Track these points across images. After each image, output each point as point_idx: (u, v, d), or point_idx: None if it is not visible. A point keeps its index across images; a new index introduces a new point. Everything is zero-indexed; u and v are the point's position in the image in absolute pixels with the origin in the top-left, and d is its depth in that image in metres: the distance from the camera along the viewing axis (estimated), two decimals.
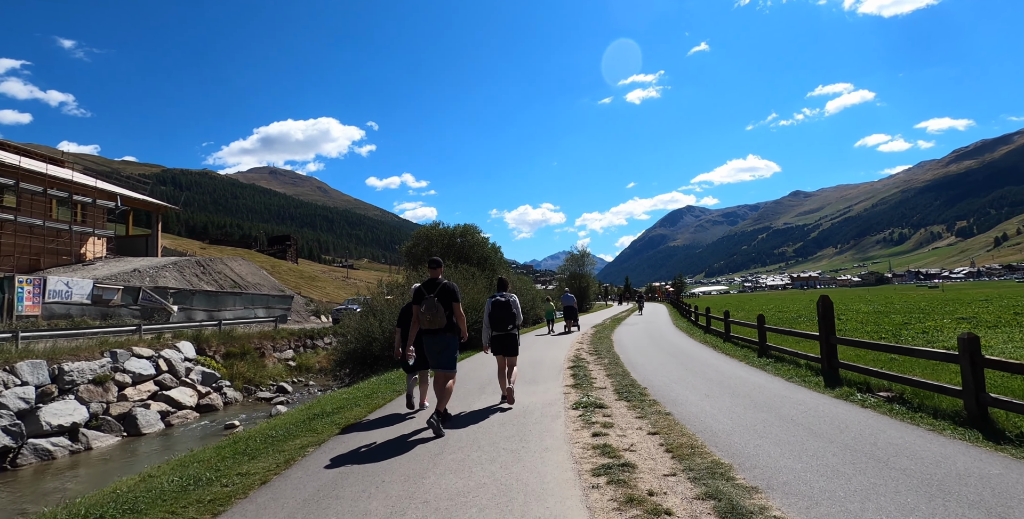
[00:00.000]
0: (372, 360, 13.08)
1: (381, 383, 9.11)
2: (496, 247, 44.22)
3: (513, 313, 6.60)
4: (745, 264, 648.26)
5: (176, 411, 15.05)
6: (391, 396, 7.74)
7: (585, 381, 7.87)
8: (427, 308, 5.34)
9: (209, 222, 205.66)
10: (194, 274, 33.34)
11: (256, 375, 19.39)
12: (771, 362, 9.54)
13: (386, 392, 8.00)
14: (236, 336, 21.11)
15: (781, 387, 7.32)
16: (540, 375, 8.89)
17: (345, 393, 8.29)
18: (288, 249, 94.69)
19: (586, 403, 6.15)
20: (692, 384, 7.62)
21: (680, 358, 10.78)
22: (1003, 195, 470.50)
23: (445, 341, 5.53)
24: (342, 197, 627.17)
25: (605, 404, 6.09)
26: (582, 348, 13.23)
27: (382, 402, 7.26)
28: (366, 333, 12.87)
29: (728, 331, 13.55)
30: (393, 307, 13.63)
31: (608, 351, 12.17)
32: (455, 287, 5.65)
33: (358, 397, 7.75)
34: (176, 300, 25.57)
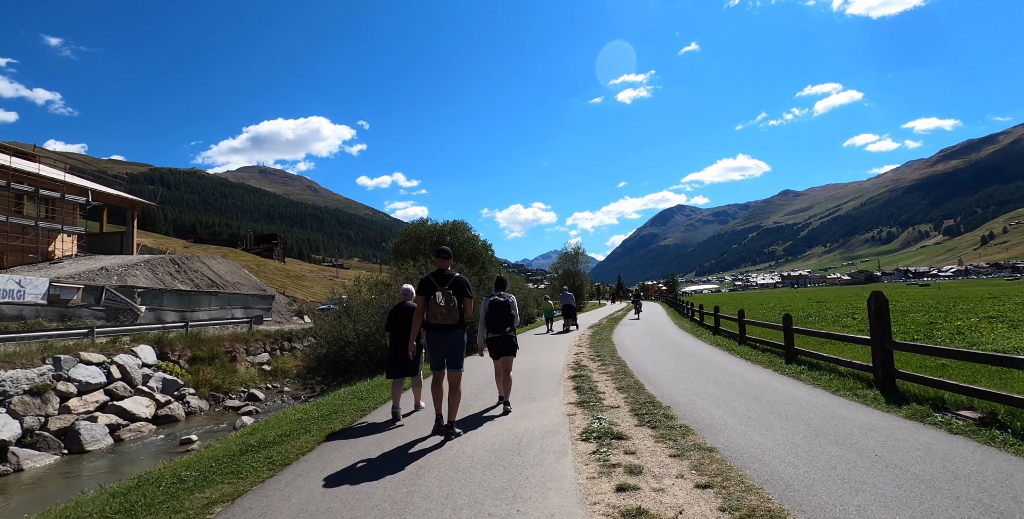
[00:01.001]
0: (346, 366, 11.62)
1: (347, 398, 7.65)
2: (487, 244, 42.72)
3: (512, 314, 6.16)
4: (735, 263, 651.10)
5: (128, 424, 13.48)
6: (355, 416, 6.30)
7: (592, 397, 6.46)
8: (445, 300, 4.87)
9: (197, 222, 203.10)
10: (167, 273, 31.60)
11: (225, 381, 17.81)
12: (804, 370, 8.20)
13: (349, 410, 6.55)
14: (205, 339, 19.51)
15: (832, 404, 5.96)
16: (537, 388, 7.47)
17: (300, 412, 6.83)
18: (275, 248, 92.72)
19: (599, 431, 4.74)
20: (723, 400, 6.24)
21: (695, 364, 9.41)
22: (989, 194, 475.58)
23: (457, 338, 5.08)
24: (333, 196, 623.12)
25: (624, 433, 4.68)
26: (582, 352, 11.84)
27: (339, 425, 5.80)
28: (339, 336, 11.41)
29: (743, 333, 12.20)
30: (371, 307, 12.19)
31: (612, 356, 10.79)
32: (468, 281, 5.21)
33: (312, 418, 6.29)
34: (145, 300, 23.91)
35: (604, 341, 14.17)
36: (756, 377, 7.88)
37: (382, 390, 8.12)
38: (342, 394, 8.05)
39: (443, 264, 5.24)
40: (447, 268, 5.24)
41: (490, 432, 5.01)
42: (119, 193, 38.12)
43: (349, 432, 5.58)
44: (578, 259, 52.62)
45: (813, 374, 7.82)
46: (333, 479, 3.92)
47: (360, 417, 6.31)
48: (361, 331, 11.37)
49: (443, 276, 5.12)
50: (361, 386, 8.90)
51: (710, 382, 7.48)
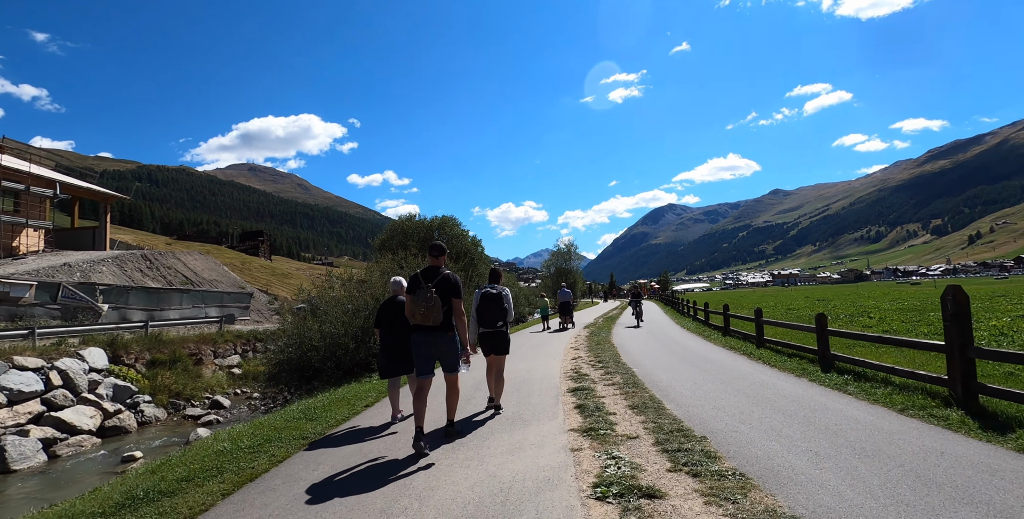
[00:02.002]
0: (312, 373, 10.14)
1: (294, 418, 6.16)
2: (476, 240, 41.31)
3: (504, 308, 5.84)
4: (726, 262, 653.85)
5: (67, 438, 11.89)
6: (292, 448, 4.83)
7: (600, 420, 5.04)
8: (421, 300, 4.53)
9: (185, 219, 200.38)
10: (137, 269, 29.84)
11: (187, 387, 16.22)
12: (847, 381, 6.84)
13: (287, 441, 5.05)
14: (167, 340, 17.88)
15: (912, 431, 4.59)
16: (530, 405, 6.04)
17: (225, 440, 5.32)
18: (260, 245, 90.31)
19: (618, 483, 3.29)
20: (771, 425, 4.84)
21: (715, 373, 8.01)
22: (976, 194, 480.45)
23: (443, 341, 4.71)
24: (323, 194, 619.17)
25: (655, 487, 3.19)
26: (580, 356, 10.44)
27: (265, 467, 4.31)
28: (301, 340, 9.93)
29: (761, 335, 10.84)
30: (340, 306, 10.71)
31: (615, 361, 9.39)
32: (458, 280, 4.83)
33: (237, 452, 4.79)
34: (108, 298, 22.21)
35: (603, 343, 12.77)
36: (795, 390, 6.50)
37: (340, 407, 6.66)
38: (291, 412, 6.56)
39: (435, 261, 4.86)
40: (440, 266, 4.83)
41: (464, 480, 3.56)
42: (90, 186, 36.25)
43: (283, 468, 4.10)
44: (571, 256, 51.21)
45: (861, 386, 6.46)
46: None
47: (300, 449, 4.84)
48: (328, 333, 9.89)
49: (432, 273, 4.74)
50: (320, 400, 7.41)
51: (742, 398, 6.09)
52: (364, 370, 9.87)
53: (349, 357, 9.76)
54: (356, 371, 9.87)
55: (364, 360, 9.84)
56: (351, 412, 6.21)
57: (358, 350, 9.76)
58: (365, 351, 9.77)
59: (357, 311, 10.23)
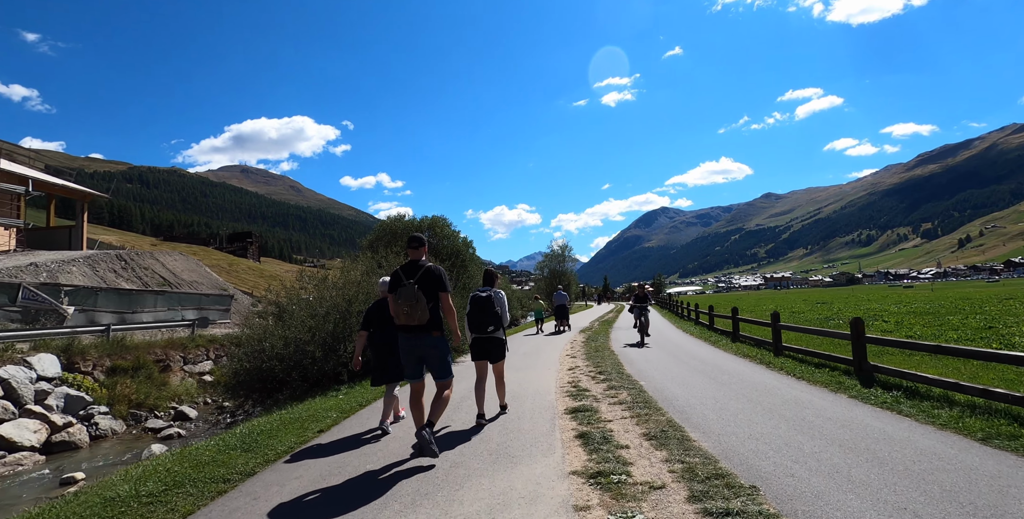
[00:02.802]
0: (276, 385, 8.94)
1: (228, 449, 4.95)
2: (468, 241, 40.19)
3: (495, 312, 5.43)
4: (718, 265, 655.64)
5: (5, 455, 10.60)
6: (204, 498, 3.63)
7: (611, 458, 3.88)
8: (404, 297, 4.11)
9: (176, 221, 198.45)
10: (111, 270, 28.42)
11: (150, 396, 14.91)
12: (897, 397, 5.75)
13: (202, 485, 3.85)
14: (131, 345, 16.59)
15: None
16: (519, 432, 4.88)
17: (125, 483, 4.11)
18: (249, 247, 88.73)
19: None
20: (838, 467, 3.72)
21: (737, 387, 6.89)
22: (966, 198, 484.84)
23: (429, 343, 4.30)
24: (316, 196, 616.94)
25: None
26: (578, 365, 9.30)
27: (191, 508, 3.14)
28: (262, 348, 8.74)
29: (778, 341, 9.75)
30: (307, 309, 9.53)
31: (618, 372, 8.25)
32: (442, 272, 4.39)
33: (137, 498, 3.60)
34: (75, 300, 20.84)
35: (602, 350, 11.63)
36: (839, 411, 5.39)
37: (289, 432, 5.48)
38: (229, 438, 5.36)
39: (414, 254, 4.47)
40: (420, 259, 4.45)
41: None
42: (65, 183, 34.79)
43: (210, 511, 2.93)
44: (564, 258, 50.11)
45: (918, 406, 5.38)
46: None
47: (240, 480, 3.66)
48: (294, 339, 8.70)
49: (413, 267, 4.35)
50: (269, 421, 6.20)
51: (780, 422, 4.96)
52: (333, 382, 8.70)
53: (316, 367, 8.59)
54: (324, 383, 8.70)
55: (333, 371, 8.67)
56: (299, 440, 5.04)
57: (326, 359, 8.59)
58: (334, 360, 8.60)
59: (327, 315, 9.07)
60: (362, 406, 6.60)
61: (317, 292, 10.30)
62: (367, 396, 7.21)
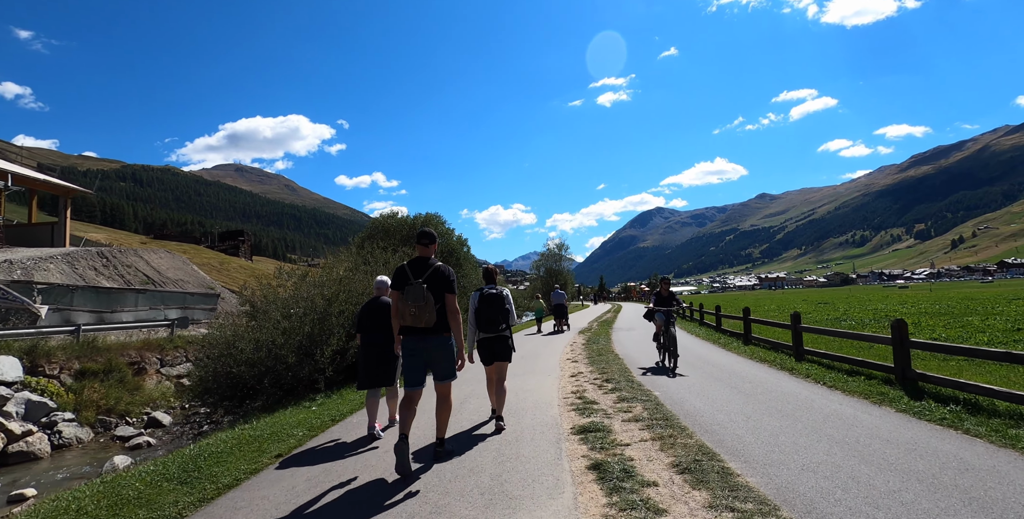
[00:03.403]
0: (247, 392, 8.05)
1: (163, 479, 4.05)
2: (462, 240, 39.33)
3: (506, 309, 5.13)
4: (713, 265, 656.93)
5: None
6: None
7: (639, 504, 2.95)
8: (412, 297, 3.84)
9: (169, 219, 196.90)
10: (91, 267, 27.37)
11: (122, 401, 13.93)
12: (957, 412, 4.91)
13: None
14: (103, 346, 15.62)
15: None
16: (518, 460, 3.99)
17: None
18: (241, 245, 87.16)
19: None
20: (932, 514, 2.86)
21: (764, 398, 6.04)
22: (959, 199, 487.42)
23: (438, 344, 4.01)
24: (311, 195, 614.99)
25: None
26: (582, 371, 8.44)
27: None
28: (226, 352, 7.84)
29: (799, 345, 8.91)
30: (287, 307, 8.62)
31: (627, 379, 7.39)
32: (451, 272, 4.14)
33: None
34: (49, 298, 19.81)
35: (605, 353, 10.78)
36: (896, 431, 4.53)
37: (242, 456, 4.58)
38: (171, 463, 4.47)
39: (424, 252, 4.19)
40: (430, 256, 4.17)
41: None
42: (47, 178, 33.65)
43: None
44: (561, 257, 49.22)
45: (985, 422, 4.55)
46: None
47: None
48: (265, 343, 7.80)
49: (421, 266, 4.08)
50: (223, 440, 5.30)
51: (834, 447, 4.10)
52: (309, 389, 7.82)
53: (290, 373, 7.70)
54: (299, 391, 7.83)
55: (309, 378, 7.78)
56: (251, 468, 4.15)
57: (301, 365, 7.70)
58: (310, 366, 7.72)
59: (304, 315, 8.18)
60: (335, 421, 5.71)
61: (295, 290, 9.41)
62: (342, 409, 6.33)
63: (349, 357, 7.97)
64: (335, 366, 7.82)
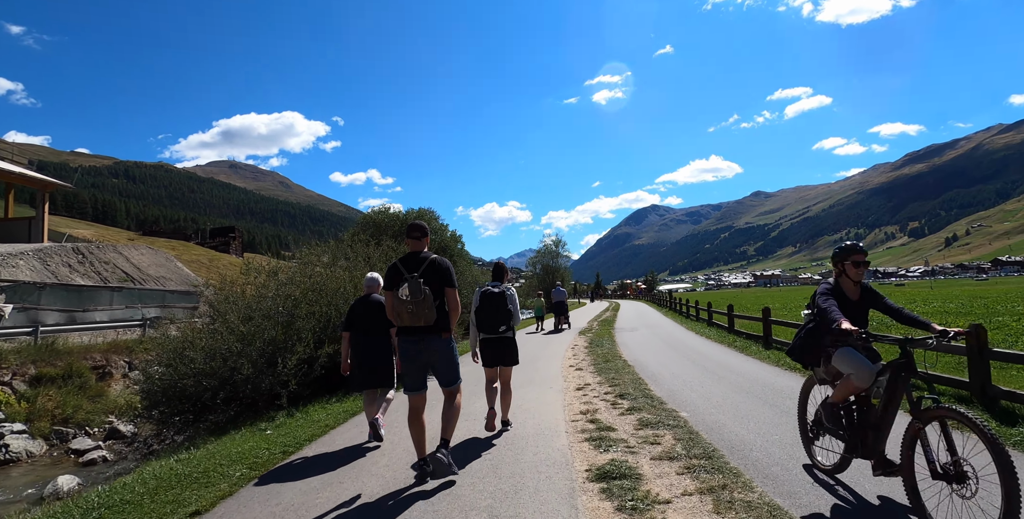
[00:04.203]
0: (202, 408, 6.90)
1: None
2: (456, 235, 38.19)
3: (509, 310, 4.83)
4: (708, 262, 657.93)
5: None
6: None
7: None
8: (411, 293, 3.50)
9: (162, 216, 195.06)
10: (65, 264, 26.04)
11: (81, 410, 12.73)
12: None
13: None
14: (64, 349, 14.40)
15: None
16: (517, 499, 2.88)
17: None
18: (232, 242, 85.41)
19: None
20: None
21: None
22: (952, 198, 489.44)
23: (438, 346, 3.71)
24: (305, 192, 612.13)
25: None
26: (588, 382, 7.32)
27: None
28: (180, 361, 6.68)
29: None
30: (249, 308, 7.46)
31: (644, 395, 6.26)
32: (448, 264, 3.84)
33: None
34: (14, 297, 18.55)
35: (612, 359, 9.66)
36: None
37: (148, 514, 3.43)
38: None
39: (415, 245, 3.83)
40: (422, 250, 3.83)
41: None
42: (23, 171, 32.22)
43: None
44: (557, 254, 48.08)
45: None
46: None
47: None
48: (219, 351, 6.65)
49: (414, 261, 3.73)
50: (121, 489, 4.12)
51: None
52: (270, 405, 6.68)
53: (250, 386, 6.55)
54: (259, 406, 6.68)
55: (270, 391, 6.63)
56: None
57: (261, 376, 6.54)
58: (271, 378, 6.56)
59: (268, 318, 7.03)
60: (286, 454, 4.56)
61: (263, 289, 8.25)
62: (302, 434, 5.20)
63: (318, 368, 6.84)
64: (300, 378, 6.68)
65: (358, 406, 6.43)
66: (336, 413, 6.09)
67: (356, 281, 8.46)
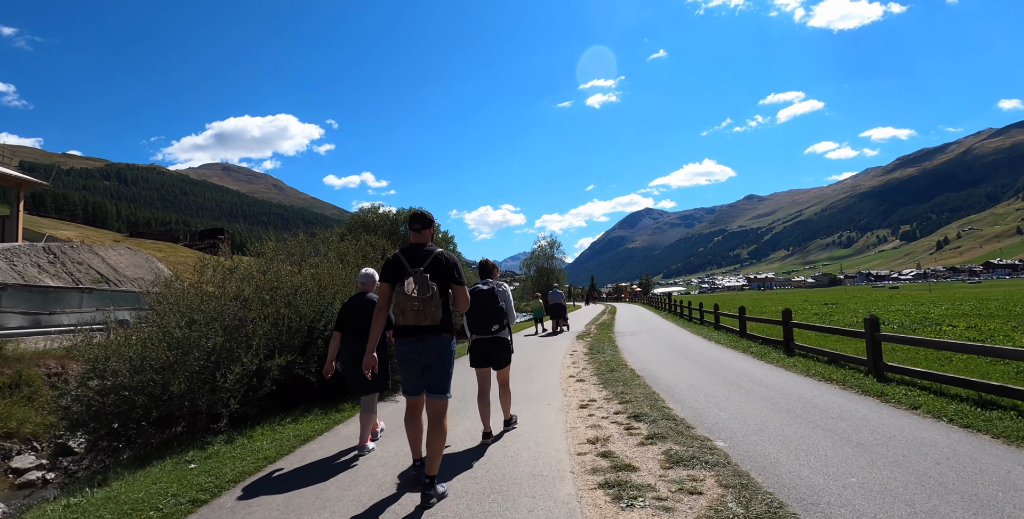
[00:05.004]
0: (137, 429, 5.73)
1: None
2: (448, 236, 37.05)
3: (500, 308, 4.57)
4: (702, 266, 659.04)
5: None
6: None
7: None
8: (418, 288, 3.21)
9: (154, 219, 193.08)
10: (34, 264, 24.70)
11: (28, 422, 11.48)
12: None
13: None
14: (14, 356, 13.12)
15: None
16: None
17: None
18: (220, 244, 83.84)
19: None
20: None
21: (907, 458, 3.80)
22: (943, 201, 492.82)
23: (438, 347, 3.36)
24: (299, 195, 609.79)
25: None
26: (593, 396, 6.19)
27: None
28: (103, 374, 5.50)
29: (877, 357, 6.73)
30: (191, 311, 6.28)
31: (664, 415, 5.11)
32: (455, 260, 3.49)
33: None
34: None
35: (618, 369, 8.52)
36: None
37: None
38: None
39: (419, 238, 3.54)
40: (426, 243, 3.52)
41: None
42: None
43: None
44: (552, 256, 46.92)
45: None
46: None
47: None
48: (148, 362, 5.47)
49: (418, 253, 3.42)
50: None
51: None
52: (207, 428, 5.50)
53: (187, 404, 5.36)
54: (197, 428, 5.50)
55: (209, 410, 5.46)
56: None
57: (195, 393, 5.36)
58: (208, 396, 5.38)
59: (210, 322, 5.86)
60: (194, 505, 3.40)
61: (219, 288, 7.06)
62: (229, 471, 4.03)
63: (268, 382, 5.66)
64: (246, 395, 5.50)
65: (314, 429, 5.27)
66: (285, 439, 4.94)
67: (321, 279, 7.30)
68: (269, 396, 5.88)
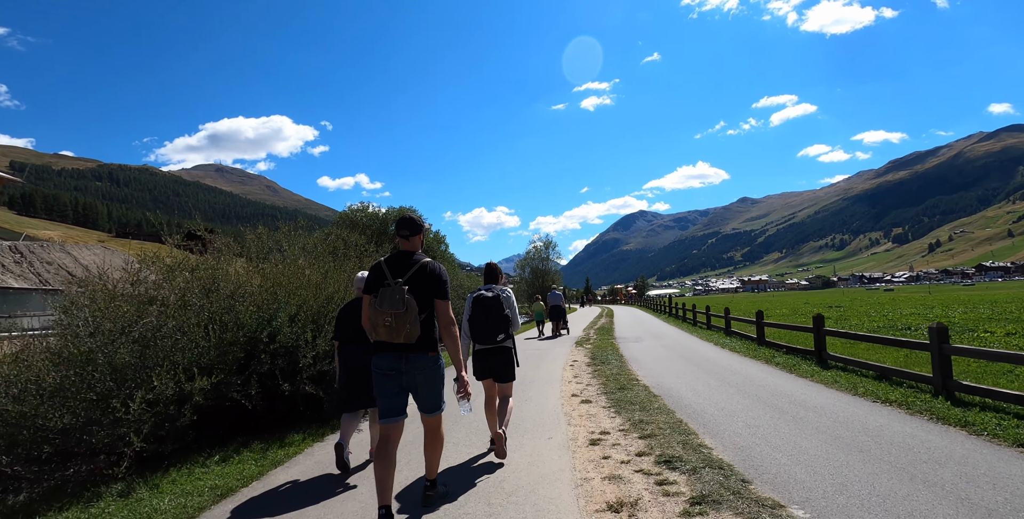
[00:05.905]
0: (57, 464, 4.46)
1: None
2: (440, 237, 35.75)
3: (505, 316, 4.20)
4: (696, 268, 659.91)
5: None
6: None
7: None
8: (387, 303, 2.95)
9: (145, 220, 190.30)
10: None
11: None
12: None
13: None
14: None
15: None
16: None
17: None
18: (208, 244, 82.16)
19: None
20: None
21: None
22: (935, 204, 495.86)
23: (422, 366, 3.07)
24: (293, 197, 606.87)
25: None
26: (608, 433, 4.93)
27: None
28: (22, 388, 4.23)
29: (947, 376, 5.55)
30: (95, 319, 5.01)
31: (698, 452, 3.90)
32: (443, 271, 3.19)
33: None
34: None
35: (628, 385, 7.29)
36: None
37: None
38: None
39: (406, 245, 3.23)
40: (415, 251, 3.22)
41: None
42: None
43: None
44: (548, 254, 45.67)
45: None
46: None
47: None
48: (28, 386, 4.19)
49: (403, 263, 3.14)
50: None
51: None
52: (100, 476, 4.23)
53: (84, 438, 4.10)
54: (96, 475, 4.25)
55: (108, 446, 4.19)
56: None
57: (89, 426, 4.10)
58: (109, 428, 4.11)
59: (119, 334, 4.59)
60: None
61: (152, 290, 5.80)
62: None
63: (188, 411, 4.40)
64: (156, 428, 4.24)
65: (243, 475, 4.03)
66: (197, 492, 3.68)
67: (276, 278, 6.06)
68: (193, 426, 4.61)
